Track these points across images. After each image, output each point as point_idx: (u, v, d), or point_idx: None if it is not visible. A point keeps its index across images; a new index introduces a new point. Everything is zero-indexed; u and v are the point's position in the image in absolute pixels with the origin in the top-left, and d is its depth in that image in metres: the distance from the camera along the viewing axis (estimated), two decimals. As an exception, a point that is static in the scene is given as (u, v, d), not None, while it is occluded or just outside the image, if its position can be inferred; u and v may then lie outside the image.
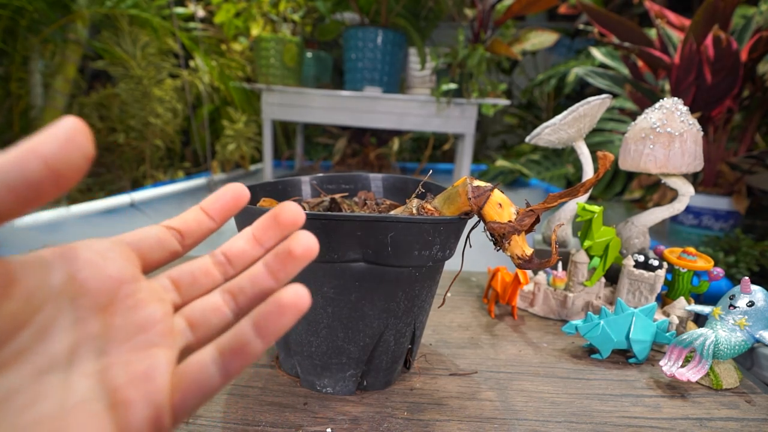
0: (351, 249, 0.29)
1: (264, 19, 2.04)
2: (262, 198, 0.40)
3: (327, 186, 0.47)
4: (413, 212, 0.32)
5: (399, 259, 0.30)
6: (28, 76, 1.91)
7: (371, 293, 0.32)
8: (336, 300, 0.32)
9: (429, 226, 0.30)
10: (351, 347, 0.33)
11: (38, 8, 1.75)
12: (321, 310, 0.32)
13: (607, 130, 1.99)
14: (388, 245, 0.29)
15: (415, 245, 0.30)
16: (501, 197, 0.29)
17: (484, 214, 0.29)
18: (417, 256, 0.30)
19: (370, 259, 0.30)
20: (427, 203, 0.33)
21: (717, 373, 0.40)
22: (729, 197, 1.61)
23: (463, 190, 0.29)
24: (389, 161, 2.64)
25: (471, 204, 0.29)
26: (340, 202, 0.42)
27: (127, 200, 1.66)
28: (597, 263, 0.52)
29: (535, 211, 0.28)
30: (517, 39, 2.12)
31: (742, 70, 1.46)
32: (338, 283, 0.31)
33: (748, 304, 0.40)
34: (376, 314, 0.33)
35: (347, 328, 0.33)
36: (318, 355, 0.34)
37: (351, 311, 0.32)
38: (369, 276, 0.31)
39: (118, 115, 2.19)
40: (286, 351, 0.37)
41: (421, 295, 0.34)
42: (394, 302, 0.33)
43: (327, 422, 0.33)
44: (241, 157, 2.38)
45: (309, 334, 0.34)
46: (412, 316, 0.35)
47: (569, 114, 0.53)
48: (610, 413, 0.36)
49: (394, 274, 0.31)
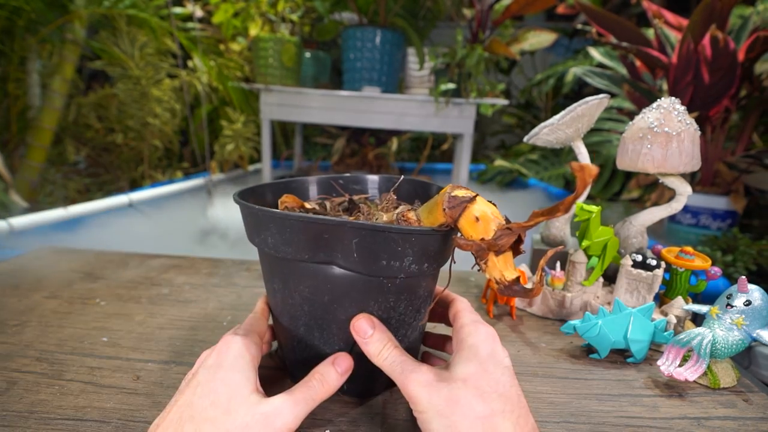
0: (321, 251, 0.29)
1: (262, 19, 2.04)
2: (284, 194, 0.39)
3: (352, 186, 0.45)
4: (393, 219, 0.32)
5: (366, 267, 0.29)
6: (26, 76, 1.91)
7: (342, 298, 0.31)
8: (311, 300, 0.32)
9: (396, 235, 0.28)
10: (327, 350, 0.33)
11: (36, 8, 1.75)
12: (299, 307, 0.33)
13: (605, 129, 1.99)
14: (353, 251, 0.28)
15: (382, 254, 0.28)
16: (481, 210, 0.26)
17: (460, 228, 0.27)
18: (386, 266, 0.29)
19: (339, 264, 0.30)
20: (410, 211, 0.32)
21: (715, 372, 0.40)
22: (726, 197, 1.61)
23: (440, 199, 0.27)
24: (388, 161, 2.64)
25: (446, 216, 0.27)
26: (357, 202, 0.41)
27: (126, 201, 1.65)
28: (595, 263, 0.52)
29: (513, 230, 0.25)
30: (515, 39, 2.12)
31: (740, 70, 1.47)
32: (312, 283, 0.31)
33: (745, 303, 0.40)
34: (348, 319, 0.32)
35: (322, 329, 0.33)
36: (299, 350, 0.35)
37: (324, 313, 0.32)
38: (339, 281, 0.31)
39: (116, 115, 2.19)
40: (279, 344, 0.38)
41: (397, 308, 0.32)
42: (366, 311, 0.32)
43: (326, 423, 0.33)
44: (240, 158, 2.37)
45: (291, 329, 0.34)
46: (390, 329, 0.32)
47: (567, 114, 0.53)
48: (609, 413, 0.36)
49: (364, 282, 0.30)
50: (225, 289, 0.58)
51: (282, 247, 0.30)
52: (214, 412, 0.26)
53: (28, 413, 0.33)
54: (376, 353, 0.30)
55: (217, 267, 0.65)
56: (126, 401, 0.35)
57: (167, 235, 1.63)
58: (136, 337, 0.45)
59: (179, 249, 1.45)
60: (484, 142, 3.68)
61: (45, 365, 0.39)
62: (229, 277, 0.62)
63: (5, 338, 0.43)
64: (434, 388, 0.27)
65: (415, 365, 0.29)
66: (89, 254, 0.69)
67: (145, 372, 0.39)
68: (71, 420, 0.32)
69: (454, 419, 0.26)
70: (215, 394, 0.26)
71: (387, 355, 0.29)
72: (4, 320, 0.47)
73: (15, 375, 0.37)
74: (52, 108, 1.85)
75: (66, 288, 0.56)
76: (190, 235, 1.68)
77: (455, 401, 0.26)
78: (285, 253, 0.30)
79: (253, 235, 0.33)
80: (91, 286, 0.57)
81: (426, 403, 0.27)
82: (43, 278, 0.58)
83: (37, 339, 0.43)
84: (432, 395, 0.27)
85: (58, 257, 0.67)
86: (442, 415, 0.26)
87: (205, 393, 0.27)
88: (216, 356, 0.29)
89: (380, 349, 0.30)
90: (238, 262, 0.68)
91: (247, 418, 0.26)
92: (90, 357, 0.41)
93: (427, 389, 0.27)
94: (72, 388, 0.36)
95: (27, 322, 0.46)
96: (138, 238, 1.53)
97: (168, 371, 0.39)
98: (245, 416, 0.26)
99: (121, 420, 0.32)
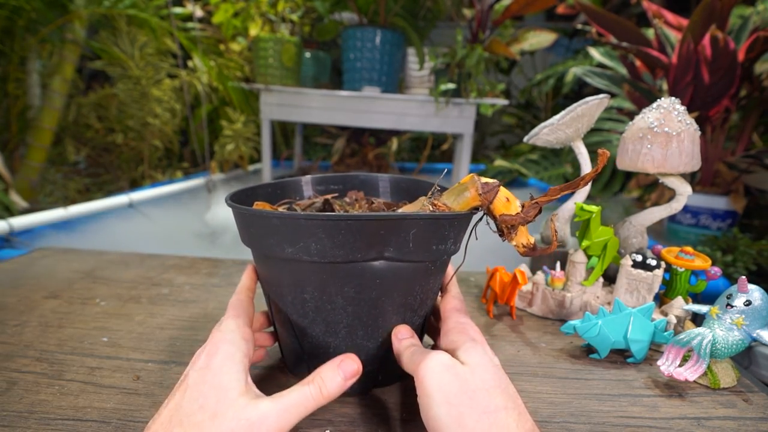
0: (373, 248, 0.30)
1: (262, 19, 2.04)
2: (255, 202, 0.40)
3: (331, 186, 0.47)
4: (429, 209, 0.33)
5: (419, 254, 0.31)
6: (26, 76, 1.91)
7: (391, 290, 0.33)
8: (356, 299, 0.32)
9: (446, 221, 0.32)
10: (370, 344, 0.34)
11: (36, 8, 1.75)
12: (341, 310, 0.33)
13: (605, 129, 1.99)
14: (410, 242, 0.30)
15: (433, 240, 0.32)
16: (507, 192, 0.32)
17: (494, 209, 0.32)
18: (435, 250, 0.32)
19: (390, 257, 0.31)
20: (437, 200, 0.34)
21: (715, 372, 0.40)
22: (726, 197, 1.61)
23: (472, 186, 0.32)
24: (388, 161, 2.64)
25: (481, 199, 0.31)
26: (332, 202, 0.42)
27: (126, 201, 1.65)
28: (595, 263, 0.52)
29: (539, 203, 0.31)
30: (515, 39, 2.12)
31: (740, 70, 1.47)
32: (359, 282, 0.32)
33: (745, 303, 0.40)
34: (395, 309, 0.34)
35: (367, 326, 0.33)
36: (336, 355, 0.34)
37: (371, 309, 0.33)
38: (389, 273, 0.32)
39: (116, 115, 2.19)
40: (297, 356, 0.37)
41: (434, 288, 0.36)
42: (411, 296, 0.34)
43: (325, 424, 0.33)
44: (240, 158, 2.37)
45: (327, 336, 0.34)
46: (425, 308, 0.36)
47: (567, 114, 0.53)
48: (608, 413, 0.36)
49: (412, 269, 0.32)
50: (225, 289, 0.58)
51: (332, 251, 0.29)
52: (202, 416, 0.26)
53: (28, 413, 0.33)
54: (405, 348, 0.32)
55: (217, 267, 0.65)
56: (126, 401, 0.35)
57: (167, 235, 1.63)
58: (136, 337, 0.45)
59: (179, 249, 1.45)
60: (484, 142, 3.68)
61: (45, 365, 0.39)
62: (229, 277, 0.62)
63: (5, 338, 0.43)
64: (450, 371, 0.28)
65: (430, 351, 0.30)
66: (89, 254, 0.69)
67: (145, 372, 0.39)
68: (71, 420, 0.32)
69: (461, 410, 0.26)
70: (204, 398, 0.26)
71: (414, 350, 0.31)
72: (4, 320, 0.47)
73: (15, 375, 0.37)
74: (52, 108, 1.85)
75: (66, 288, 0.56)
76: (190, 235, 1.68)
77: (464, 390, 0.27)
78: (334, 257, 0.30)
79: (284, 245, 0.30)
80: (91, 286, 0.57)
81: (437, 385, 0.27)
82: (43, 278, 0.58)
83: (37, 339, 0.43)
84: (443, 377, 0.27)
85: (58, 257, 0.67)
86: (450, 403, 0.26)
87: (194, 396, 0.26)
88: (205, 358, 0.29)
89: (408, 345, 0.32)
90: (238, 262, 0.68)
91: (232, 424, 0.25)
92: (90, 357, 0.41)
93: (441, 370, 0.28)
94: (72, 388, 0.36)
95: (27, 322, 0.46)
96: (138, 238, 1.53)
97: (168, 371, 0.39)
98: (230, 421, 0.25)
99: (121, 420, 0.32)
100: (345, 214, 0.29)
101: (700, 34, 1.46)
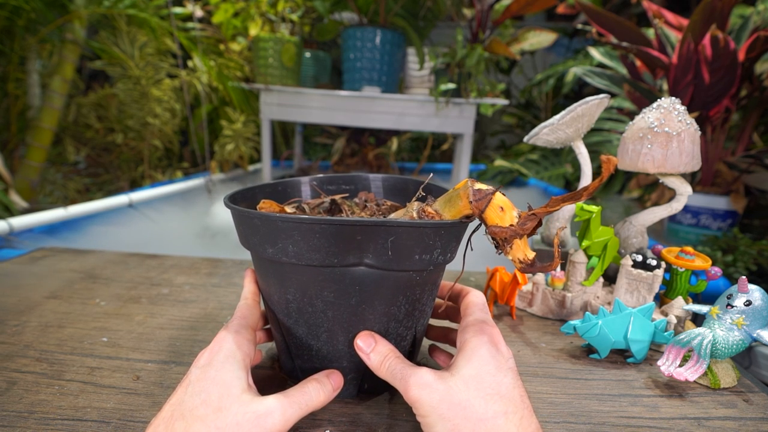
0: (351, 253, 0.29)
1: (262, 19, 2.04)
2: (262, 200, 0.40)
3: (327, 186, 0.47)
4: (413, 216, 0.32)
5: (400, 263, 0.30)
6: (26, 76, 1.91)
7: (371, 297, 0.31)
8: (336, 304, 0.32)
9: (430, 230, 0.29)
10: (352, 351, 0.33)
11: (35, 8, 1.75)
12: (321, 314, 0.32)
13: (606, 129, 1.99)
14: (388, 249, 0.29)
15: (415, 249, 0.30)
16: (503, 200, 0.29)
17: (486, 218, 0.29)
18: (418, 260, 0.30)
19: (370, 264, 0.30)
20: (428, 206, 0.32)
21: (715, 373, 0.40)
22: (727, 197, 1.61)
23: (464, 193, 0.29)
24: (388, 161, 2.64)
25: (472, 208, 0.28)
26: (340, 203, 0.42)
27: (126, 201, 1.65)
28: (595, 263, 0.52)
29: (537, 215, 0.28)
30: (515, 39, 2.12)
31: (740, 70, 1.47)
32: (338, 288, 0.31)
33: (745, 303, 0.40)
34: (377, 318, 0.32)
35: (348, 332, 0.33)
36: (318, 358, 0.34)
37: (351, 315, 0.32)
38: (369, 280, 0.31)
39: (116, 115, 2.19)
40: (287, 354, 0.37)
41: (422, 299, 0.34)
42: (394, 306, 0.33)
43: (325, 424, 0.33)
44: (240, 157, 2.37)
45: (309, 338, 0.34)
46: (413, 320, 0.34)
47: (567, 114, 0.53)
48: (609, 413, 0.36)
49: (395, 278, 0.31)
50: (225, 289, 0.58)
51: (307, 254, 0.29)
52: (205, 410, 0.26)
53: (27, 413, 0.33)
54: (378, 365, 0.31)
55: (217, 267, 0.65)
56: (126, 401, 0.35)
57: (167, 235, 1.63)
58: (136, 337, 0.45)
59: (179, 249, 1.45)
60: (484, 142, 3.68)
61: (45, 365, 0.39)
62: (229, 277, 0.62)
63: (5, 338, 0.43)
64: (434, 388, 0.27)
65: (414, 369, 0.29)
66: (89, 254, 0.68)
67: (144, 372, 0.39)
68: (71, 420, 0.32)
69: (456, 422, 0.26)
70: (206, 393, 0.26)
71: (389, 364, 0.30)
72: (4, 320, 0.47)
73: (15, 375, 0.37)
74: (52, 108, 1.85)
75: (66, 288, 0.56)
76: (190, 235, 1.68)
77: (456, 403, 0.26)
78: (310, 260, 0.29)
79: (265, 245, 0.31)
80: (91, 286, 0.57)
81: (427, 405, 0.27)
82: (43, 278, 0.58)
83: (37, 339, 0.43)
84: (432, 396, 0.27)
85: (58, 257, 0.67)
86: (444, 418, 0.26)
87: (196, 392, 0.27)
88: (208, 355, 0.29)
89: (381, 360, 0.31)
90: (238, 262, 0.68)
91: (238, 417, 0.26)
92: (90, 357, 0.41)
93: (428, 390, 0.27)
94: (72, 388, 0.36)
95: (27, 322, 0.46)
96: (138, 238, 1.53)
97: (168, 371, 0.39)
98: (236, 414, 0.26)
99: (121, 420, 0.32)
100: (318, 218, 0.29)
101: (701, 34, 1.46)
